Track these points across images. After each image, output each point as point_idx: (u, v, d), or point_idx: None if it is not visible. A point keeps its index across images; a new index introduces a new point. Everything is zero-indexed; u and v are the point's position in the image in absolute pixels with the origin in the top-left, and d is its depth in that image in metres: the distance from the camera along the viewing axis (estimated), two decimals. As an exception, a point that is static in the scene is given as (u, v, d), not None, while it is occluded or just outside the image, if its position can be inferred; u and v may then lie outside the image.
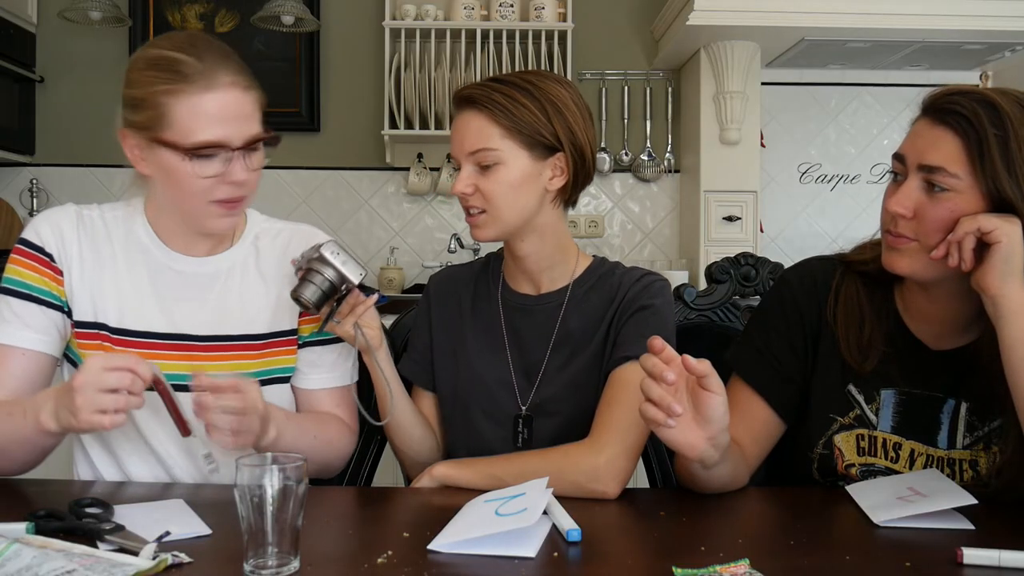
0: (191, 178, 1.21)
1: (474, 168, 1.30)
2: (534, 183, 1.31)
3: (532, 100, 1.29)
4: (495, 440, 1.35)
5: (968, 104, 1.13)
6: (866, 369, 1.24)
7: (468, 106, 1.30)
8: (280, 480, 0.89)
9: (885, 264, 1.20)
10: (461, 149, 1.31)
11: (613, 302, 1.34)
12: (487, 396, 1.36)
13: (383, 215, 3.77)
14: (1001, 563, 0.94)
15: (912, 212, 1.15)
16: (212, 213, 1.26)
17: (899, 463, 1.24)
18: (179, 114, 1.19)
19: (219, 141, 1.20)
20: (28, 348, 1.27)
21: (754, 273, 1.65)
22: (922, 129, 1.17)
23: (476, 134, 1.29)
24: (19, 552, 0.88)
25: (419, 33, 3.53)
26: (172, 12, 3.66)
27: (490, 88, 1.30)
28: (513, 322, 1.38)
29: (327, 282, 1.26)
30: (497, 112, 1.28)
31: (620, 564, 0.96)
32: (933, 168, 1.13)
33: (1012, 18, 3.09)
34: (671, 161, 3.78)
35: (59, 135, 3.67)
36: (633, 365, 1.27)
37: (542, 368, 1.35)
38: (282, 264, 1.36)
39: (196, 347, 1.31)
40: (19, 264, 1.29)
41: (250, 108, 1.24)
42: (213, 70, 1.20)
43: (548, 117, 1.29)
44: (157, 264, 1.32)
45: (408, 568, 0.92)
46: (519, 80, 1.31)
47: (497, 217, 1.30)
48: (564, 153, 1.31)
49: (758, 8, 3.10)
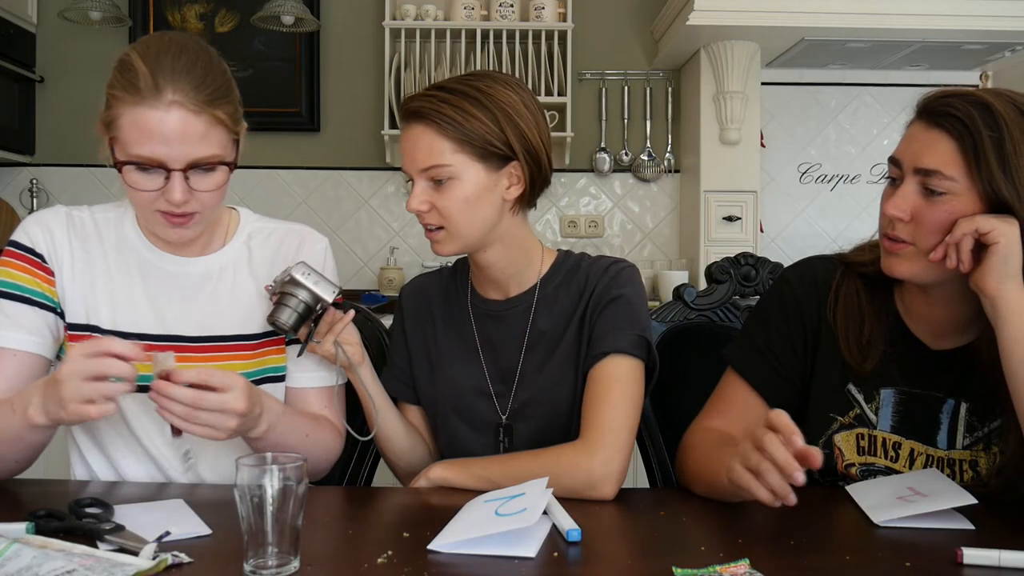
0: (130, 187, 1.20)
1: (427, 184, 1.26)
2: (491, 194, 1.27)
3: (482, 109, 1.24)
4: (477, 449, 1.34)
5: (962, 106, 1.12)
6: (866, 369, 1.24)
7: (416, 120, 1.25)
8: (280, 480, 0.89)
9: (884, 269, 1.21)
10: (413, 165, 1.26)
11: (583, 296, 1.33)
12: (466, 406, 1.36)
13: (383, 215, 3.77)
14: (1001, 563, 0.94)
15: (910, 215, 1.15)
16: (159, 222, 1.24)
17: (899, 462, 1.24)
18: (124, 123, 1.17)
19: (154, 159, 1.16)
20: (20, 349, 1.26)
21: (754, 273, 1.65)
22: (917, 132, 1.17)
23: (427, 150, 1.24)
24: (19, 552, 0.88)
25: (419, 33, 3.53)
26: (172, 12, 3.66)
27: (437, 100, 1.24)
28: (485, 329, 1.37)
29: (302, 304, 1.26)
30: (446, 126, 1.23)
31: (620, 564, 0.96)
32: (929, 171, 1.13)
33: (1012, 18, 3.10)
34: (671, 161, 3.78)
35: (59, 135, 3.67)
36: (613, 359, 1.26)
37: (517, 372, 1.34)
38: (275, 264, 1.36)
39: (188, 348, 1.31)
40: (10, 266, 1.28)
41: (199, 130, 1.17)
42: (162, 87, 1.15)
43: (500, 126, 1.25)
44: (148, 265, 1.32)
45: (408, 568, 0.92)
46: (467, 88, 1.26)
47: (456, 233, 1.27)
48: (519, 161, 1.27)
49: (758, 8, 3.10)
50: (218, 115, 1.19)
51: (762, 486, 0.99)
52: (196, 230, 1.28)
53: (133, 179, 1.19)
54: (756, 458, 1.00)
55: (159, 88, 1.15)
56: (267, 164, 3.67)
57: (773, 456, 0.98)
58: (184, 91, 1.16)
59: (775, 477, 0.98)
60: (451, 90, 1.26)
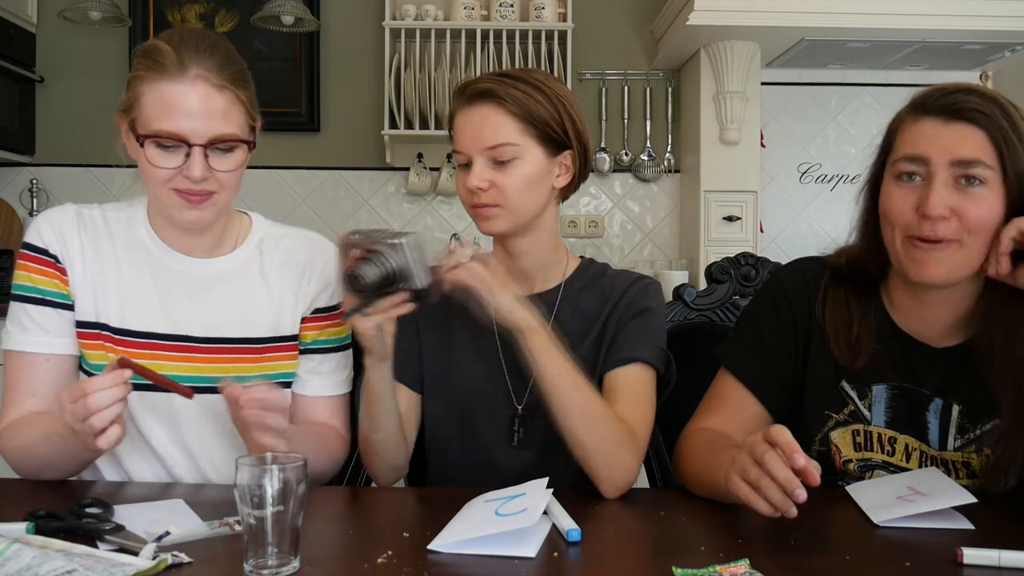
0: (149, 165, 1.20)
1: (488, 163, 1.28)
2: (545, 180, 1.31)
3: (544, 96, 1.28)
4: (490, 439, 1.34)
5: (979, 100, 1.14)
6: (857, 366, 1.25)
7: (483, 100, 1.28)
8: (280, 480, 0.89)
9: (915, 276, 1.16)
10: (477, 144, 1.28)
11: (607, 303, 1.34)
12: (480, 396, 1.35)
13: (383, 215, 3.77)
14: (1001, 563, 0.94)
15: (950, 211, 1.13)
16: (175, 203, 1.23)
17: (895, 456, 1.24)
18: (146, 100, 1.19)
19: (176, 133, 1.18)
20: (52, 353, 1.28)
21: (754, 273, 1.65)
22: (938, 128, 1.14)
23: (494, 129, 1.27)
24: (19, 552, 0.88)
25: (419, 33, 3.53)
26: (172, 12, 3.66)
27: (503, 82, 1.28)
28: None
29: (393, 272, 1.16)
30: (515, 107, 1.27)
31: (620, 564, 0.97)
32: (970, 162, 1.12)
33: (1012, 18, 3.09)
34: (671, 161, 3.78)
35: (59, 135, 3.67)
36: (636, 367, 1.28)
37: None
38: (285, 270, 1.36)
39: (196, 348, 1.31)
40: (28, 269, 1.29)
41: (222, 106, 1.20)
42: (187, 63, 1.18)
43: (559, 114, 1.29)
44: (159, 264, 1.32)
45: (408, 568, 0.92)
46: (528, 76, 1.30)
47: (512, 211, 1.29)
48: (572, 151, 1.32)
49: (758, 8, 3.10)
50: (240, 95, 1.23)
51: (762, 499, 0.99)
52: (211, 213, 1.26)
53: (152, 155, 1.20)
54: (756, 473, 0.99)
55: (184, 63, 1.18)
56: (267, 164, 3.67)
57: (774, 474, 0.97)
58: (208, 67, 1.20)
59: (775, 493, 0.97)
60: (514, 76, 1.30)
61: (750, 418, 1.29)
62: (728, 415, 1.29)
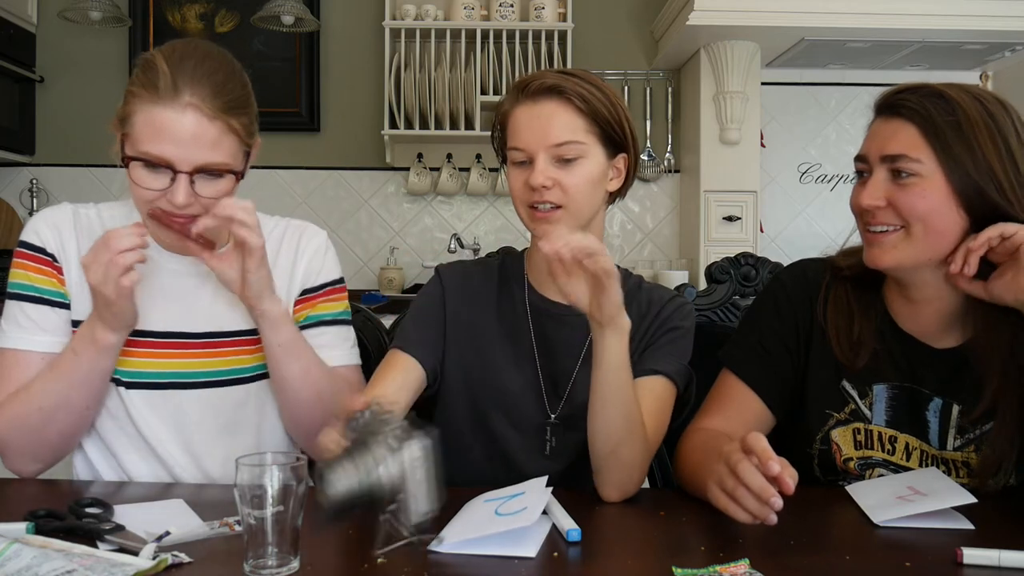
0: (134, 184, 1.20)
1: (551, 161, 1.24)
2: (603, 181, 1.29)
3: (605, 96, 1.27)
4: (519, 448, 1.32)
5: (915, 98, 1.18)
6: (858, 366, 1.25)
7: (551, 96, 1.25)
8: (280, 480, 0.89)
9: (868, 262, 1.22)
10: (543, 141, 1.24)
11: (645, 318, 1.31)
12: (512, 404, 1.32)
13: (383, 215, 3.77)
14: (1001, 563, 0.94)
15: (884, 201, 1.18)
16: (155, 225, 1.24)
17: (896, 455, 1.25)
18: (137, 119, 1.18)
19: (161, 158, 1.17)
20: (47, 352, 1.27)
21: (754, 273, 1.65)
22: (878, 127, 1.22)
23: (563, 126, 1.24)
24: (19, 552, 0.88)
25: (419, 33, 3.53)
26: (172, 12, 3.66)
27: (570, 79, 1.25)
28: (543, 329, 1.34)
29: (377, 490, 0.87)
30: (583, 105, 1.24)
31: (620, 564, 0.96)
32: (895, 156, 1.17)
33: (1012, 18, 3.10)
34: (671, 161, 3.78)
35: (59, 135, 3.67)
36: (658, 379, 1.26)
37: (572, 378, 1.32)
38: (278, 257, 1.36)
39: (193, 344, 1.31)
40: (24, 267, 1.29)
41: (212, 136, 1.18)
42: (181, 89, 1.17)
43: (619, 115, 1.28)
44: (152, 263, 1.32)
45: (408, 568, 0.92)
46: (588, 76, 1.28)
47: (575, 212, 1.25)
48: (627, 154, 1.30)
49: (758, 8, 3.10)
50: (232, 124, 1.20)
51: (740, 509, 0.99)
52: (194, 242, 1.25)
53: (139, 175, 1.19)
54: (732, 482, 0.99)
55: (177, 89, 1.17)
56: (267, 164, 3.68)
57: (748, 483, 0.97)
58: (201, 95, 1.17)
59: (751, 502, 0.98)
60: (577, 75, 1.28)
61: (752, 417, 1.29)
62: (730, 414, 1.30)
